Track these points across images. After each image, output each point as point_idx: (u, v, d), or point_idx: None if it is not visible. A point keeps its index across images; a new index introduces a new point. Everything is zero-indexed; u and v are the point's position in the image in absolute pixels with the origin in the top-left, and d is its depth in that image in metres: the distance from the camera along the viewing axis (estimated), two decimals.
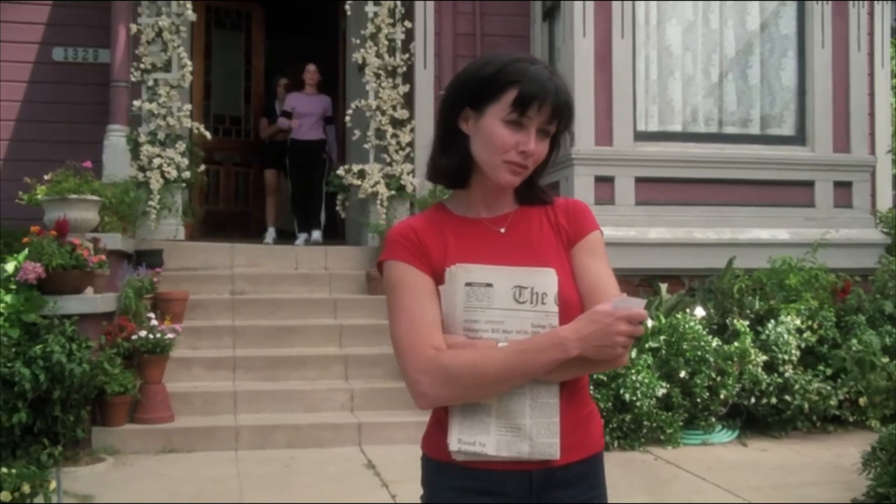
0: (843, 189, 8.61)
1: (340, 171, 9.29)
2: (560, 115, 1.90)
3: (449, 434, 1.86)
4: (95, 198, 6.93)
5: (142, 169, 8.62)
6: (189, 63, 8.86)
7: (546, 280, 1.85)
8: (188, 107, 8.89)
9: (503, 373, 1.79)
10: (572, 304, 1.87)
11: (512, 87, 1.86)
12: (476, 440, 1.83)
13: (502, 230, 1.96)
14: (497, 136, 1.88)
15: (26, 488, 4.42)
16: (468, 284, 1.85)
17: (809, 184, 8.56)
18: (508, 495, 1.87)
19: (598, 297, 1.87)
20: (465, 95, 1.93)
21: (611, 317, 1.76)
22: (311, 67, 10.48)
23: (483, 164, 1.92)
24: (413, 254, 1.91)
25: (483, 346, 1.83)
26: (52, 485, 4.23)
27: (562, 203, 2.03)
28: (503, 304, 1.84)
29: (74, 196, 6.74)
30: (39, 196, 6.89)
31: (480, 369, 1.79)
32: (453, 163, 1.96)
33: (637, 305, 1.78)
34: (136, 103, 8.68)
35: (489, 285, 1.84)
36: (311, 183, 10.29)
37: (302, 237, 10.22)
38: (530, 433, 1.83)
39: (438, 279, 1.89)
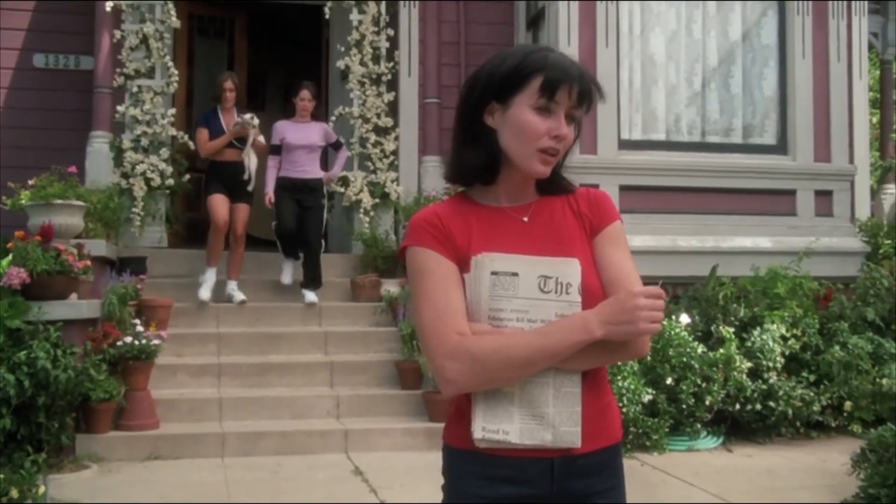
0: (823, 198, 8.70)
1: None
2: (587, 98, 1.91)
3: (472, 422, 1.86)
4: (80, 203, 6.89)
5: (125, 176, 8.56)
6: (175, 70, 8.83)
7: (570, 270, 1.86)
8: (172, 111, 8.85)
9: (528, 354, 1.80)
10: (595, 293, 1.88)
11: (537, 74, 1.88)
12: (500, 428, 1.84)
13: (525, 219, 1.97)
14: (529, 124, 1.89)
15: (15, 493, 4.37)
16: (494, 273, 1.85)
17: (791, 192, 8.65)
18: (531, 483, 1.87)
19: (621, 286, 1.88)
20: (489, 89, 1.93)
21: (631, 295, 1.80)
22: (306, 94, 8.30)
23: (515, 156, 1.93)
24: (438, 240, 1.91)
25: (508, 333, 1.83)
26: (41, 489, 4.17)
27: (583, 192, 2.05)
28: (528, 293, 1.84)
29: (59, 201, 6.69)
30: (23, 201, 6.83)
31: (506, 353, 1.80)
32: (480, 159, 1.95)
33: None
34: (120, 108, 8.63)
35: (515, 275, 1.85)
36: (306, 232, 8.20)
37: (291, 265, 8.46)
38: (553, 421, 1.84)
39: (462, 267, 1.89)
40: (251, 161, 8.23)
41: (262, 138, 8.31)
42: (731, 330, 7.22)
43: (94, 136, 8.58)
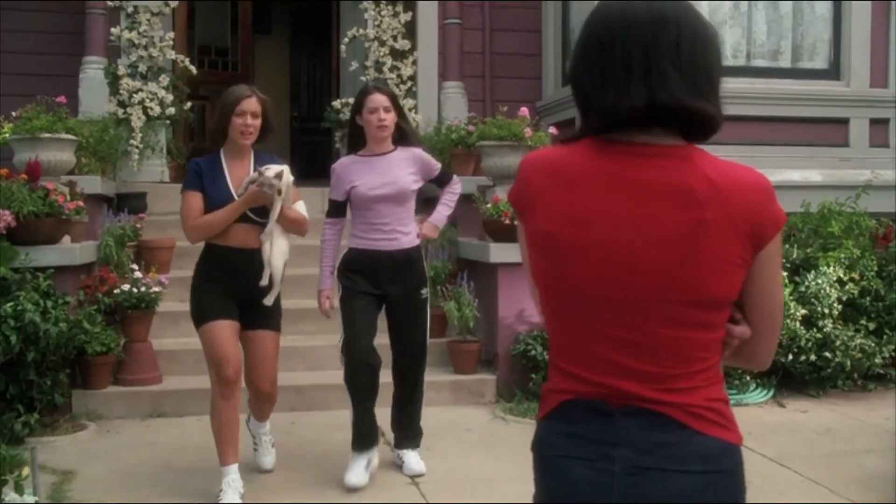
0: (879, 127, 8.01)
1: (336, 104, 8.60)
2: None
3: None
4: (71, 137, 6.26)
5: (122, 105, 7.92)
6: None
7: None
8: (171, 35, 8.16)
9: None
10: None
11: None
12: None
13: None
14: None
15: None
16: None
17: (843, 121, 7.96)
18: None
19: None
20: None
21: None
22: (380, 101, 4.65)
23: None
24: None
25: None
26: (26, 471, 3.65)
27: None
28: None
29: (47, 135, 6.07)
30: (7, 135, 6.20)
31: None
32: None
33: None
34: (115, 31, 7.95)
35: None
36: (400, 349, 5.01)
37: (366, 461, 4.84)
38: None
39: None
40: (278, 251, 4.45)
41: (301, 207, 4.59)
42: (784, 273, 6.62)
43: (87, 62, 7.92)
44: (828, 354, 6.40)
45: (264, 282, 4.40)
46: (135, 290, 6.07)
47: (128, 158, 7.79)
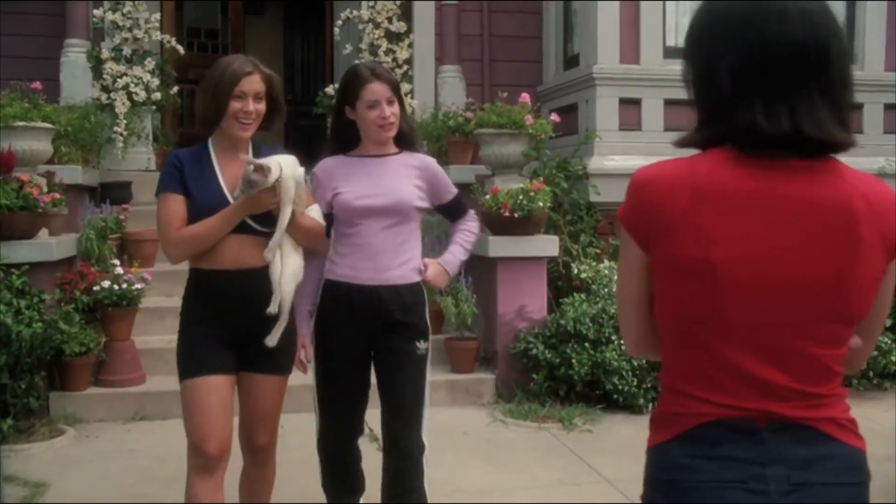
0: (894, 113, 7.71)
1: (330, 90, 8.28)
2: None
3: None
4: (47, 125, 5.94)
5: (105, 90, 7.60)
6: None
7: None
8: (157, 17, 7.82)
9: None
10: None
11: None
12: None
13: None
14: None
15: None
16: None
17: (857, 107, 7.64)
18: None
19: None
20: None
21: None
22: (380, 91, 3.41)
23: None
24: None
25: None
26: None
27: None
28: None
29: (21, 123, 5.74)
30: None
31: None
32: None
33: None
34: (97, 13, 7.62)
35: None
36: (390, 415, 3.55)
37: None
38: None
39: None
40: (289, 271, 3.32)
41: (316, 213, 3.43)
42: None
43: (69, 45, 7.61)
44: None
45: (273, 308, 3.20)
46: (116, 286, 5.77)
47: (112, 146, 7.48)
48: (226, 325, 3.22)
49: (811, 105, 1.55)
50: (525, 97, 6.66)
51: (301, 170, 3.30)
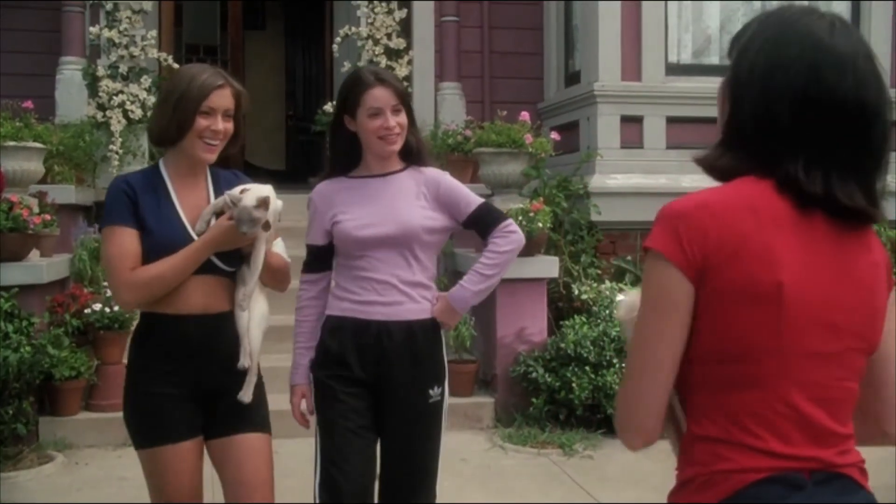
0: None
1: (328, 107, 8.19)
2: None
3: None
4: (38, 145, 5.86)
5: (101, 108, 7.49)
6: None
7: None
8: (153, 34, 7.74)
9: None
10: None
11: None
12: None
13: None
14: None
15: None
16: None
17: None
18: None
19: None
20: None
21: None
22: (383, 97, 2.98)
23: None
24: None
25: None
26: None
27: None
28: None
29: (12, 143, 5.66)
30: None
31: None
32: None
33: None
34: (94, 30, 7.54)
35: None
36: (393, 454, 3.10)
37: None
38: None
39: None
40: (257, 316, 2.94)
41: (280, 248, 3.05)
42: None
43: (64, 63, 7.51)
44: None
45: (245, 362, 2.83)
46: (107, 309, 5.67)
47: (107, 164, 7.37)
48: (188, 380, 2.77)
49: (846, 178, 1.50)
50: (525, 115, 6.56)
51: (280, 202, 2.89)
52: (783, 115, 1.49)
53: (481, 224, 3.09)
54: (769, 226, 1.48)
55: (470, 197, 3.09)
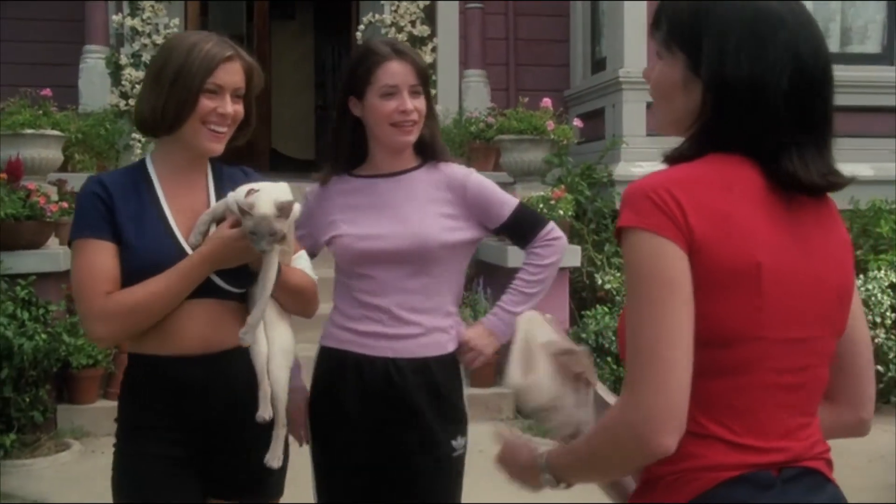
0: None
1: None
2: None
3: None
4: (57, 133, 5.86)
5: (124, 96, 7.51)
6: None
7: None
8: (176, 21, 7.73)
9: None
10: None
11: None
12: None
13: None
14: None
15: None
16: None
17: None
18: None
19: None
20: None
21: None
22: (402, 72, 2.41)
23: None
24: None
25: None
26: None
27: None
28: None
29: (30, 131, 5.66)
30: None
31: None
32: None
33: None
34: (116, 18, 7.54)
35: None
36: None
37: None
38: None
39: None
40: (279, 351, 2.21)
41: (304, 262, 2.34)
42: None
43: (87, 51, 7.54)
44: (880, 368, 5.85)
45: (265, 413, 2.16)
46: None
47: (130, 153, 7.37)
48: (188, 437, 2.19)
49: (825, 153, 1.46)
50: (547, 102, 6.47)
51: (298, 206, 2.25)
52: (779, 94, 1.41)
53: (518, 231, 2.57)
54: (745, 203, 1.39)
55: (503, 198, 2.53)
